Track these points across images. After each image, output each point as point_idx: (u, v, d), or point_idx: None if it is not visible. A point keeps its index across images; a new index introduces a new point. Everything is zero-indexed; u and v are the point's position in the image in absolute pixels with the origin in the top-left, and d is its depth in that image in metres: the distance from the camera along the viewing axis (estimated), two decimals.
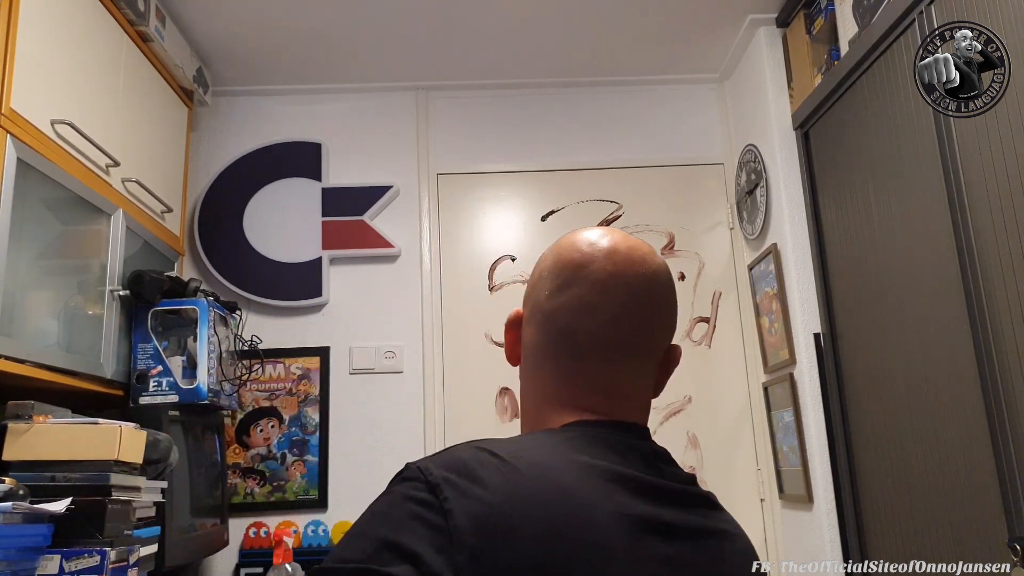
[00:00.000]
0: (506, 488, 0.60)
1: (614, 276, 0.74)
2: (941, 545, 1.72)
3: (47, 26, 1.68)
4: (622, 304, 0.73)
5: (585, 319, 0.73)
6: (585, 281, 0.74)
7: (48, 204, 1.70)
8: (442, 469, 0.61)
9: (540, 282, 0.77)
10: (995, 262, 1.53)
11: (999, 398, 1.52)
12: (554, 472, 0.63)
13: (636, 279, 0.74)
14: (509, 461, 0.62)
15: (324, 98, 2.77)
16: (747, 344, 2.61)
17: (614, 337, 0.73)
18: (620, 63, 2.71)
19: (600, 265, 0.74)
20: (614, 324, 0.73)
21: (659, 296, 0.76)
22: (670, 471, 0.71)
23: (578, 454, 0.66)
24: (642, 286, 0.74)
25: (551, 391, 0.74)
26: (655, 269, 0.76)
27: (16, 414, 1.53)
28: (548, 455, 0.65)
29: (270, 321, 2.56)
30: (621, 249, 0.75)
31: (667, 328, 0.77)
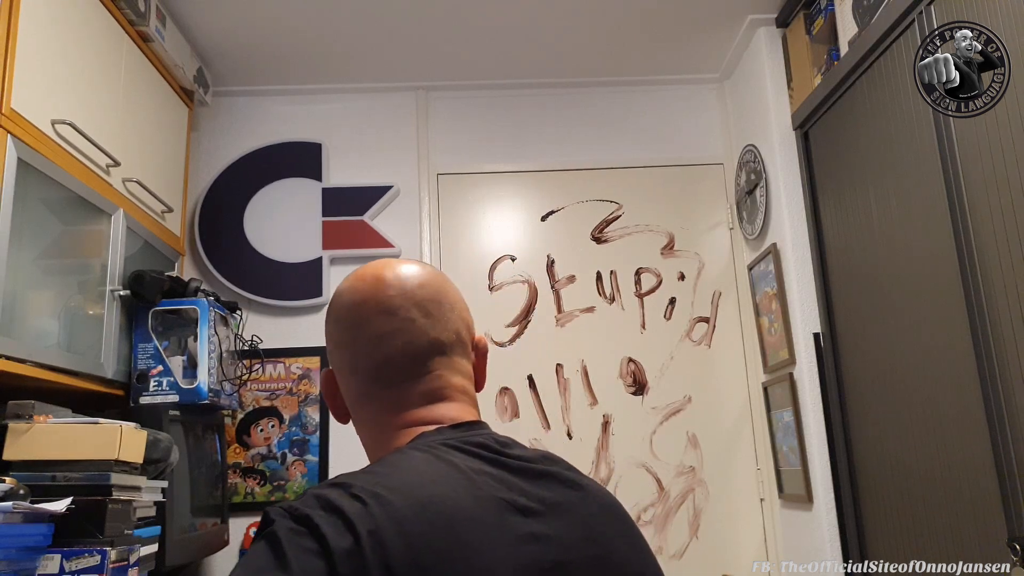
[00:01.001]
0: (375, 505, 0.62)
1: (391, 298, 0.79)
2: (941, 545, 1.72)
3: (48, 26, 1.68)
4: (411, 318, 0.78)
5: (387, 346, 0.77)
6: (369, 314, 0.78)
7: (48, 204, 1.71)
8: (302, 507, 0.63)
9: (337, 338, 0.81)
10: (995, 262, 1.53)
11: (999, 398, 1.52)
12: (413, 475, 0.67)
13: (412, 291, 0.79)
14: (368, 488, 0.65)
15: (324, 98, 2.77)
16: (747, 344, 2.61)
17: (419, 349, 0.78)
18: (620, 63, 2.71)
19: (374, 296, 0.79)
20: (413, 337, 0.78)
21: (441, 294, 0.81)
22: (515, 454, 0.75)
23: (428, 456, 0.71)
24: (422, 294, 0.79)
25: (386, 421, 0.78)
26: (424, 275, 0.81)
27: (17, 414, 1.53)
28: (404, 467, 0.69)
29: (270, 321, 2.57)
30: (386, 275, 0.80)
31: (463, 321, 0.83)
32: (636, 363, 2.60)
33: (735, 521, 2.50)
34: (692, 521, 2.49)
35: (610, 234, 2.70)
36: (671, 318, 2.64)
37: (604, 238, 2.70)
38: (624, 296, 2.65)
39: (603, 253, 2.69)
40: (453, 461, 0.70)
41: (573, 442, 2.54)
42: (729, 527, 2.50)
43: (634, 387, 2.59)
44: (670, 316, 2.64)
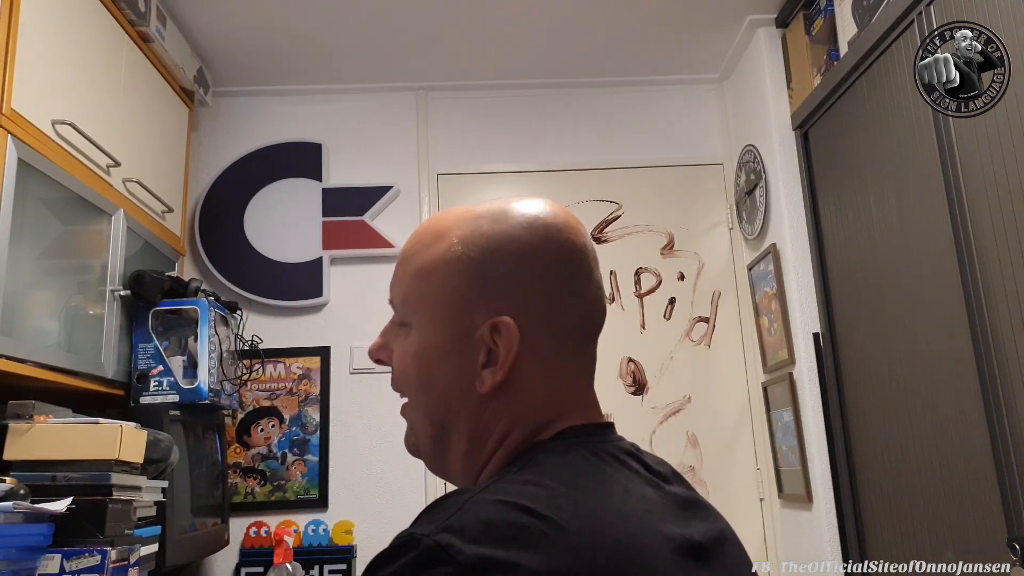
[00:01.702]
0: (561, 555, 0.48)
1: (590, 248, 0.69)
2: (941, 545, 1.72)
3: (48, 26, 1.68)
4: (599, 284, 0.70)
5: (599, 304, 0.69)
6: (589, 263, 0.68)
7: (49, 204, 1.71)
8: (474, 545, 0.46)
9: (544, 270, 0.65)
10: (995, 262, 1.53)
11: (998, 397, 1.52)
12: (603, 519, 0.53)
13: (593, 252, 0.69)
14: (550, 516, 0.50)
15: (324, 98, 2.77)
16: (746, 344, 2.61)
17: (598, 320, 0.69)
18: (620, 63, 2.71)
19: (586, 242, 0.69)
20: (599, 304, 0.69)
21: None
22: (658, 471, 0.67)
23: (608, 482, 0.59)
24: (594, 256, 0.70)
25: (559, 395, 0.65)
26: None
27: (17, 414, 1.53)
28: (584, 494, 0.55)
29: (271, 321, 2.57)
30: (571, 220, 0.68)
31: None
32: (636, 363, 2.60)
33: (735, 521, 2.48)
34: None
35: (610, 234, 2.70)
36: (671, 318, 2.64)
37: (604, 238, 2.70)
38: (624, 296, 2.65)
39: (603, 253, 2.69)
40: (624, 483, 0.59)
41: None
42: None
43: (634, 387, 2.59)
44: (670, 316, 2.64)
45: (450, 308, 0.64)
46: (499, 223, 0.65)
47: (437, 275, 0.65)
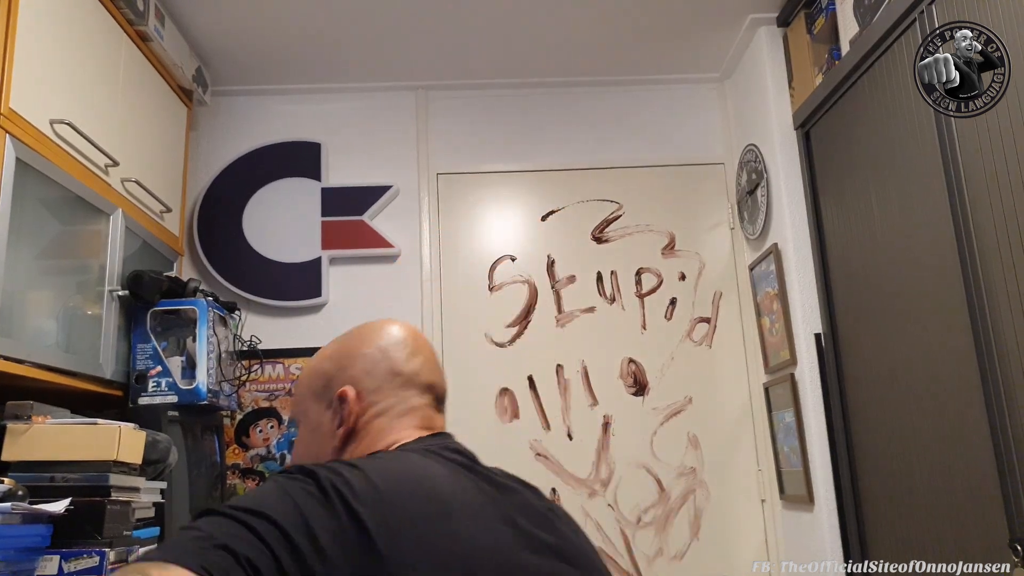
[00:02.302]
0: (367, 475, 0.79)
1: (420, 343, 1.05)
2: (942, 545, 1.72)
3: (46, 26, 1.68)
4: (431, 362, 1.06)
5: (425, 373, 1.02)
6: (418, 351, 1.03)
7: (47, 204, 1.70)
8: (323, 469, 0.78)
9: (382, 355, 1.01)
10: (996, 262, 1.52)
11: (1000, 398, 1.51)
12: (402, 457, 0.89)
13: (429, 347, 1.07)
14: (363, 466, 0.81)
15: (324, 98, 2.76)
16: (748, 344, 2.61)
17: (421, 381, 1.02)
18: (620, 63, 2.70)
19: (412, 340, 1.04)
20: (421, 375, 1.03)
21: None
22: (485, 468, 0.92)
23: (417, 451, 0.91)
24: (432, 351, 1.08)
25: (391, 432, 0.97)
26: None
27: (15, 414, 1.53)
28: (389, 460, 0.88)
29: (269, 321, 2.56)
30: (414, 330, 1.07)
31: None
32: (636, 363, 2.60)
33: (736, 522, 2.50)
34: (693, 522, 2.48)
35: (610, 234, 2.69)
36: (672, 318, 2.63)
37: (604, 238, 2.69)
38: (624, 296, 2.65)
39: (603, 253, 2.68)
40: (424, 459, 0.88)
41: (573, 443, 2.53)
42: (730, 528, 2.49)
43: (635, 387, 2.58)
44: (671, 316, 2.64)
45: (317, 395, 1.02)
46: (347, 340, 1.04)
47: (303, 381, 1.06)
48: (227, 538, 0.69)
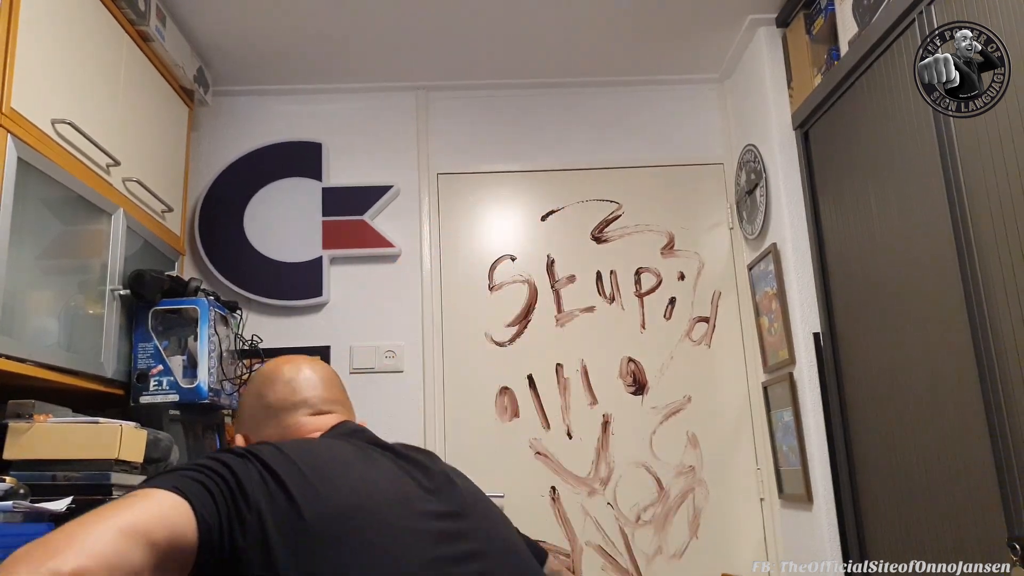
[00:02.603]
0: (275, 444, 0.97)
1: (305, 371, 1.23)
2: (940, 544, 1.72)
3: (48, 26, 1.68)
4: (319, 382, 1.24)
5: (291, 395, 1.19)
6: (279, 380, 1.22)
7: (49, 204, 1.71)
8: (242, 448, 0.95)
9: (254, 398, 1.22)
10: (995, 262, 1.53)
11: (998, 397, 1.52)
12: (301, 442, 1.03)
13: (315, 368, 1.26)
14: (272, 443, 0.99)
15: (324, 98, 2.77)
16: (747, 344, 2.61)
17: (294, 402, 1.18)
18: (620, 63, 2.71)
19: (274, 373, 1.24)
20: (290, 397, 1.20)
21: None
22: (385, 443, 1.08)
23: (314, 441, 1.08)
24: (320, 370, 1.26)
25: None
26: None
27: (17, 413, 1.53)
28: (294, 441, 1.05)
29: (270, 320, 2.57)
30: (281, 363, 1.26)
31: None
32: (636, 363, 2.60)
33: (735, 521, 2.50)
34: (692, 521, 2.49)
35: (610, 234, 2.70)
36: (671, 318, 2.64)
37: (604, 238, 2.70)
38: (624, 296, 2.65)
39: (603, 253, 2.69)
40: (326, 441, 1.06)
41: (573, 442, 2.54)
42: (729, 527, 2.50)
43: (634, 387, 2.59)
44: (670, 316, 2.64)
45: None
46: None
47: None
48: (190, 475, 0.85)
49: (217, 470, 0.86)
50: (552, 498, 2.49)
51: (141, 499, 0.79)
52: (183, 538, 0.79)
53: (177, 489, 0.81)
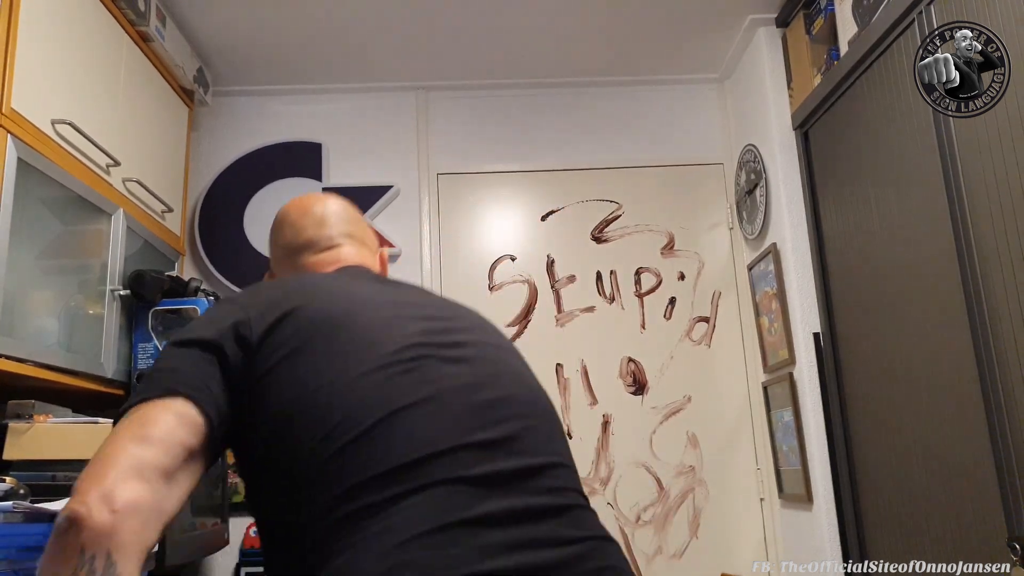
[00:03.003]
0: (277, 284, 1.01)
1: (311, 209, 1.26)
2: (941, 544, 1.72)
3: (47, 26, 1.68)
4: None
5: (300, 235, 1.22)
6: (288, 222, 1.28)
7: (48, 204, 1.71)
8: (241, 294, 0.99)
9: (273, 242, 1.29)
10: (995, 262, 1.53)
11: (999, 398, 1.52)
12: (295, 278, 1.07)
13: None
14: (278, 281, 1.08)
15: (324, 98, 2.77)
16: (747, 344, 2.61)
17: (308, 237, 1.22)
18: (620, 63, 2.71)
19: (286, 214, 1.31)
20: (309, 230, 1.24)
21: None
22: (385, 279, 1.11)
23: (316, 276, 1.10)
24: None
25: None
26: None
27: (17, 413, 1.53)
28: (296, 278, 1.09)
29: None
30: (306, 200, 1.30)
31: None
32: (636, 363, 2.60)
33: (735, 521, 2.50)
34: (692, 521, 2.49)
35: (610, 234, 2.70)
36: (671, 318, 2.64)
37: (604, 238, 2.70)
38: (624, 296, 2.65)
39: (603, 253, 2.69)
40: (328, 276, 1.09)
41: (573, 442, 2.54)
42: (729, 527, 2.50)
43: (634, 387, 2.59)
44: (670, 316, 2.64)
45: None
46: None
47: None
48: (184, 362, 0.84)
49: (213, 340, 0.85)
50: None
51: (148, 426, 0.78)
52: (196, 444, 0.81)
53: (175, 391, 0.80)
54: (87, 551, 0.68)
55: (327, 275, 1.07)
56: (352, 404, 0.80)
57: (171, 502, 0.76)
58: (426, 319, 0.94)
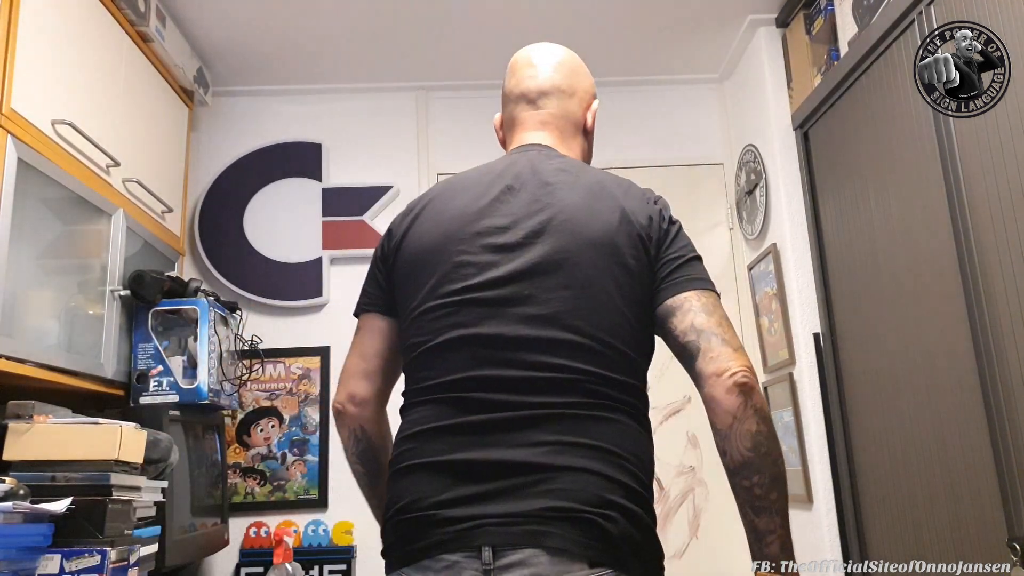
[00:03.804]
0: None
1: (533, 57, 1.35)
2: (941, 545, 1.72)
3: (47, 26, 1.68)
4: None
5: (519, 86, 1.33)
6: (516, 69, 1.35)
7: (48, 204, 1.71)
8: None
9: (504, 85, 1.36)
10: (995, 262, 1.53)
11: (999, 398, 1.52)
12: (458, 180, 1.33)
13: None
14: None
15: (324, 98, 2.77)
16: (747, 344, 2.60)
17: (525, 88, 1.35)
18: (620, 63, 2.71)
19: (516, 60, 1.36)
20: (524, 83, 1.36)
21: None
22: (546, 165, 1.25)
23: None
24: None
25: (507, 140, 1.40)
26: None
27: (17, 414, 1.53)
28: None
29: (270, 321, 2.57)
30: (525, 51, 1.35)
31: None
32: None
33: (735, 521, 2.47)
34: (692, 521, 2.49)
35: None
36: None
37: None
38: None
39: None
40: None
41: None
42: (729, 527, 2.49)
43: None
44: None
45: None
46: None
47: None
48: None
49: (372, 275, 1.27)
50: None
51: (358, 343, 1.21)
52: (386, 336, 1.19)
53: (361, 310, 1.23)
54: (348, 428, 1.18)
55: (460, 185, 1.29)
56: (413, 332, 1.10)
57: (389, 383, 1.19)
58: (487, 250, 1.09)
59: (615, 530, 0.95)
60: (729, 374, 1.02)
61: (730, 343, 1.04)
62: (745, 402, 1.01)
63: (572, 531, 0.93)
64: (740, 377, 1.01)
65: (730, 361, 1.03)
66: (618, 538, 0.95)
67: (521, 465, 0.97)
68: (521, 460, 0.97)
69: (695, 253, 1.20)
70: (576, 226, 1.09)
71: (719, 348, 1.04)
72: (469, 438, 0.99)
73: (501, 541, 0.92)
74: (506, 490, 0.95)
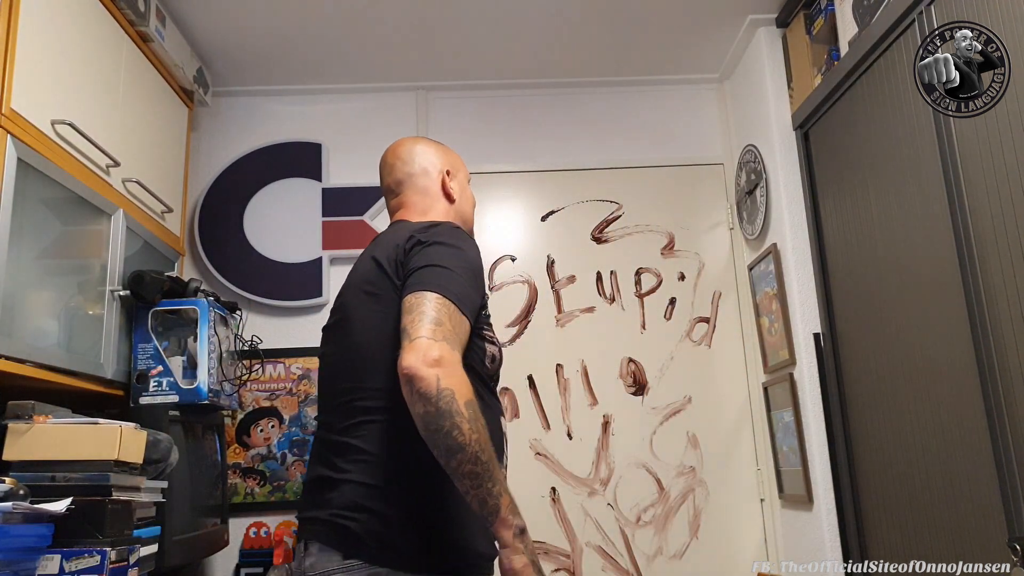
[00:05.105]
0: None
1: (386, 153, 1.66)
2: (941, 545, 1.72)
3: (47, 26, 1.68)
4: None
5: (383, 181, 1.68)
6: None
7: (48, 204, 1.71)
8: None
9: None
10: (995, 262, 1.53)
11: (999, 398, 1.52)
12: None
13: None
14: None
15: (324, 98, 2.77)
16: (747, 344, 2.61)
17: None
18: (620, 63, 2.71)
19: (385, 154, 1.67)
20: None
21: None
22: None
23: None
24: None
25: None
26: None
27: (16, 414, 1.53)
28: None
29: (270, 321, 2.56)
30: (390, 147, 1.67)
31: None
32: (636, 363, 2.60)
33: (735, 521, 2.50)
34: (692, 521, 2.49)
35: (610, 234, 2.70)
36: (671, 318, 2.64)
37: (604, 238, 2.70)
38: (624, 296, 2.65)
39: (603, 253, 2.69)
40: None
41: (573, 442, 2.54)
42: (729, 527, 2.50)
43: (634, 387, 2.59)
44: (670, 316, 2.64)
45: None
46: None
47: None
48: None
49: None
50: (552, 499, 2.49)
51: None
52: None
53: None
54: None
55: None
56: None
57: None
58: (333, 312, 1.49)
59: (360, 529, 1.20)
60: (400, 371, 1.14)
61: (409, 335, 1.17)
62: (410, 391, 1.13)
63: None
64: (403, 371, 1.13)
65: (401, 357, 1.16)
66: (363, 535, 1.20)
67: None
68: None
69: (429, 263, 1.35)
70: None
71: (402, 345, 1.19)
72: None
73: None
74: None
